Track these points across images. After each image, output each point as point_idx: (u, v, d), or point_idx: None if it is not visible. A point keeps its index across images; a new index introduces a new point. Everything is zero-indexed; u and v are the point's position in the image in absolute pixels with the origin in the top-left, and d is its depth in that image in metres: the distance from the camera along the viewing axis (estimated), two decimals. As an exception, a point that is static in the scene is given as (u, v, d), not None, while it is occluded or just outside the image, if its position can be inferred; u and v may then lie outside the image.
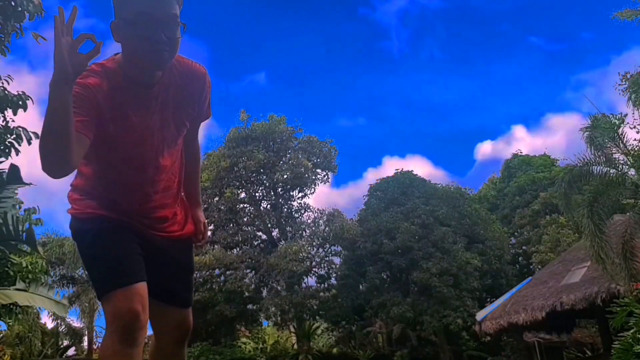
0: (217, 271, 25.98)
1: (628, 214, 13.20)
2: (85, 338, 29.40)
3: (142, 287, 1.99)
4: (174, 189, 2.26)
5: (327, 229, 27.05)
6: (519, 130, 63.10)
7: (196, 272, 25.24)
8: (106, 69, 1.98)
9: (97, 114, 1.90)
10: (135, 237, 2.12)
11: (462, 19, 57.27)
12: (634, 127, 12.27)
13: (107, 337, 1.93)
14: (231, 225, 28.14)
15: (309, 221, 28.21)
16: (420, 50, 57.77)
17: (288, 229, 28.14)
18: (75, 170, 2.19)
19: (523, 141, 57.59)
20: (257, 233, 28.83)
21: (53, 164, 1.74)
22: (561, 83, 66.19)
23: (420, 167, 62.94)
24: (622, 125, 11.97)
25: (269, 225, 28.77)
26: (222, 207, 27.80)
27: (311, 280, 27.11)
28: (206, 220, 2.56)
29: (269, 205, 29.24)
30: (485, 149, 60.98)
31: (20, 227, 6.84)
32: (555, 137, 57.55)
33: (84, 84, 1.89)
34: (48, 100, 1.66)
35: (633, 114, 11.99)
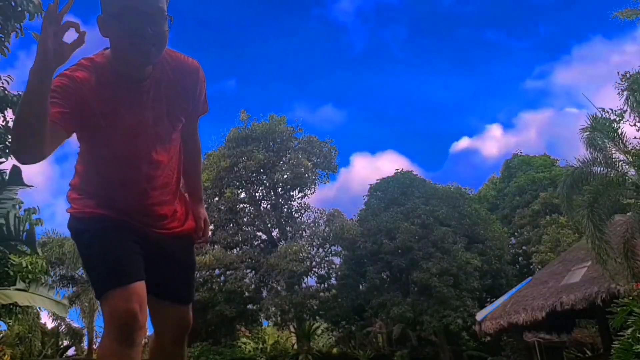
0: (217, 271, 25.98)
1: (629, 213, 13.21)
2: (85, 338, 29.42)
3: (141, 286, 1.96)
4: (172, 186, 2.24)
5: (327, 229, 27.06)
6: (494, 129, 64.16)
7: (196, 272, 25.09)
8: (95, 64, 1.96)
9: (80, 108, 1.88)
10: (135, 235, 2.10)
11: (425, 19, 57.72)
12: (634, 124, 12.22)
13: (105, 338, 1.92)
14: (231, 225, 28.13)
15: (309, 221, 28.23)
16: (382, 48, 58.31)
17: (288, 229, 28.14)
18: (74, 170, 2.19)
19: (498, 139, 58.67)
20: (257, 233, 28.83)
21: (22, 150, 1.73)
22: (527, 77, 66.94)
23: (394, 163, 61.99)
24: (621, 120, 11.95)
25: (269, 225, 28.77)
26: (222, 207, 27.80)
27: (311, 280, 27.16)
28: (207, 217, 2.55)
29: (269, 205, 29.24)
30: (461, 144, 61.88)
31: (21, 228, 6.84)
32: (528, 134, 58.56)
33: (72, 77, 1.88)
34: (26, 85, 1.65)
35: (631, 112, 11.92)
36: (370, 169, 52.30)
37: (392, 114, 61.37)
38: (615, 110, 11.97)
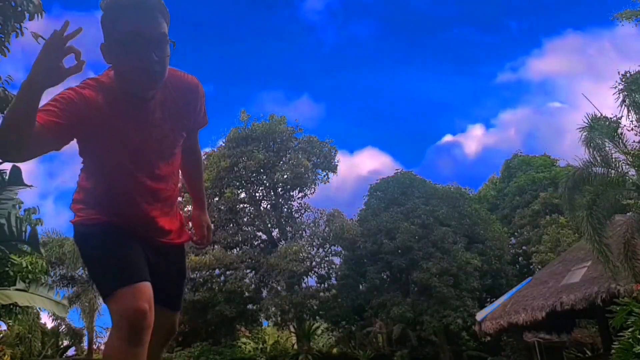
0: (217, 271, 25.98)
1: (629, 214, 13.20)
2: (85, 338, 29.41)
3: (149, 286, 2.00)
4: (173, 199, 2.32)
5: (327, 229, 27.06)
6: (474, 126, 64.95)
7: (196, 272, 25.27)
8: (101, 84, 2.01)
9: (81, 124, 1.92)
10: (139, 242, 2.16)
11: (397, 16, 57.98)
12: (632, 129, 12.12)
13: (113, 336, 1.92)
14: (231, 225, 28.13)
15: (309, 221, 28.23)
16: (353, 46, 58.54)
17: (288, 229, 28.13)
18: (78, 185, 2.26)
19: (479, 137, 59.10)
20: (257, 233, 28.82)
21: (4, 152, 1.80)
22: (502, 73, 67.00)
23: (375, 160, 61.82)
24: (618, 127, 11.88)
25: (269, 225, 28.77)
26: (222, 207, 27.80)
27: (311, 280, 27.17)
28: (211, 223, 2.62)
29: (269, 205, 29.24)
30: (443, 142, 62.16)
31: (23, 228, 6.85)
32: (509, 132, 58.80)
33: (80, 94, 1.92)
34: (15, 98, 1.70)
35: (628, 116, 11.81)
36: (348, 165, 52.51)
37: (369, 111, 61.76)
38: (611, 118, 11.90)
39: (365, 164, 55.45)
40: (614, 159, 11.60)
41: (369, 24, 60.17)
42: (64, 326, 28.76)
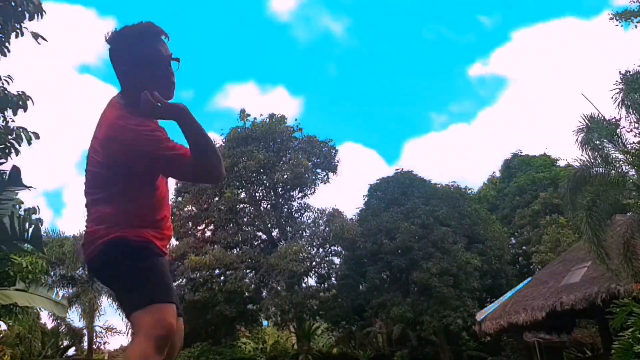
0: (217, 271, 25.96)
1: (629, 214, 13.19)
2: (85, 338, 29.38)
3: (175, 308, 2.23)
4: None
5: (327, 229, 27.04)
6: (458, 127, 65.60)
7: (196, 272, 25.27)
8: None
9: None
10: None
11: (370, 13, 58.41)
12: (631, 130, 12.06)
13: (141, 342, 2.05)
14: (231, 225, 28.13)
15: (309, 221, 28.21)
16: (326, 42, 58.69)
17: (288, 229, 28.13)
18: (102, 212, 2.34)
19: (461, 135, 59.72)
20: (257, 233, 28.83)
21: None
22: (479, 69, 67.00)
23: (360, 156, 62.00)
24: (617, 127, 11.84)
25: (269, 225, 28.77)
26: (222, 207, 27.79)
27: (311, 280, 27.16)
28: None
29: (269, 205, 29.23)
30: (425, 137, 62.36)
31: (25, 227, 6.86)
32: (490, 129, 59.19)
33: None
34: (197, 127, 2.16)
35: (627, 116, 11.74)
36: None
37: (349, 107, 62.20)
38: (611, 119, 11.86)
39: (346, 160, 55.55)
40: (613, 159, 11.58)
41: (342, 18, 60.58)
42: (64, 326, 28.70)
